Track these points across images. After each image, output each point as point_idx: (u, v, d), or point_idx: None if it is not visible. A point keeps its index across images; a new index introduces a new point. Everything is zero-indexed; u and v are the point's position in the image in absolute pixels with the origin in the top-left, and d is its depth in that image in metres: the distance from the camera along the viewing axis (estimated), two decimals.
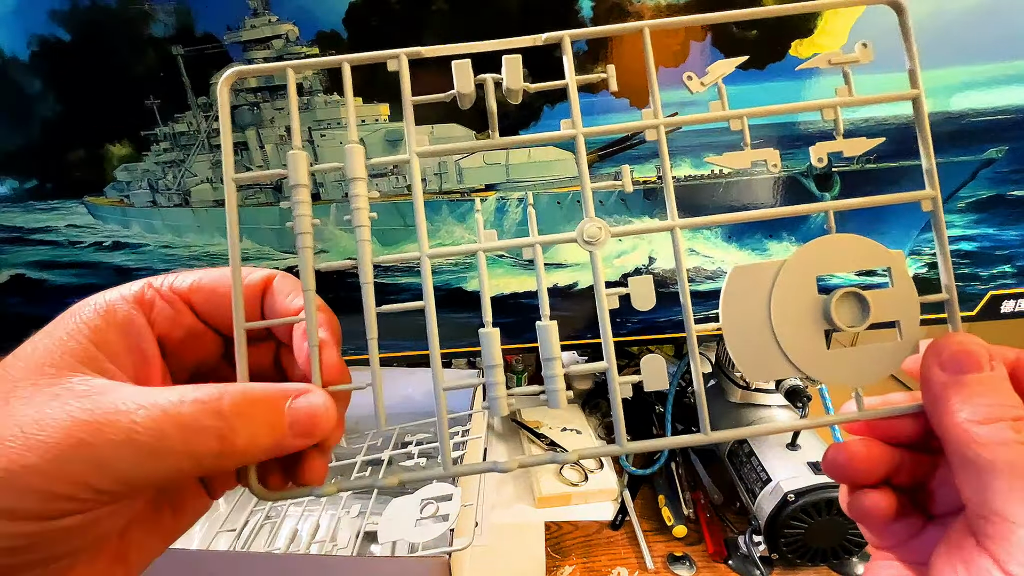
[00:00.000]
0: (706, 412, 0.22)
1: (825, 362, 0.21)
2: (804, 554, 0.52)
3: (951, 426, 0.19)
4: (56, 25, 0.50)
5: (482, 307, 0.23)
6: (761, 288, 0.21)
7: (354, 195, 0.22)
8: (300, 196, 0.22)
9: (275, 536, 0.53)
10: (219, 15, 0.51)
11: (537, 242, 0.23)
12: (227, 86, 0.22)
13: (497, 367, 0.22)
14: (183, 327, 0.22)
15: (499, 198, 0.58)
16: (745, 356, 0.22)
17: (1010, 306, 0.62)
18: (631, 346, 0.79)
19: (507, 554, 0.57)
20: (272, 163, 0.57)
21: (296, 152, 0.22)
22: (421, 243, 0.23)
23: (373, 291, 0.22)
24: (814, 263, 0.22)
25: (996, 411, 0.18)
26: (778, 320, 0.21)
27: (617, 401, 0.22)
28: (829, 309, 0.21)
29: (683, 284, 0.22)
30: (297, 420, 0.20)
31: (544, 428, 0.70)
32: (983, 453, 0.18)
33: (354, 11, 0.50)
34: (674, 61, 0.51)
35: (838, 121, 0.23)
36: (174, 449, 0.17)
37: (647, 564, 0.56)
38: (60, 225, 0.59)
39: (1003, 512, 0.17)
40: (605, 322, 0.22)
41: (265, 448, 0.19)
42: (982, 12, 0.51)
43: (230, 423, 0.18)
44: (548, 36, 0.23)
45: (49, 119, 0.53)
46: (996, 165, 0.56)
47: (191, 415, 0.18)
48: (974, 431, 0.18)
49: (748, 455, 0.57)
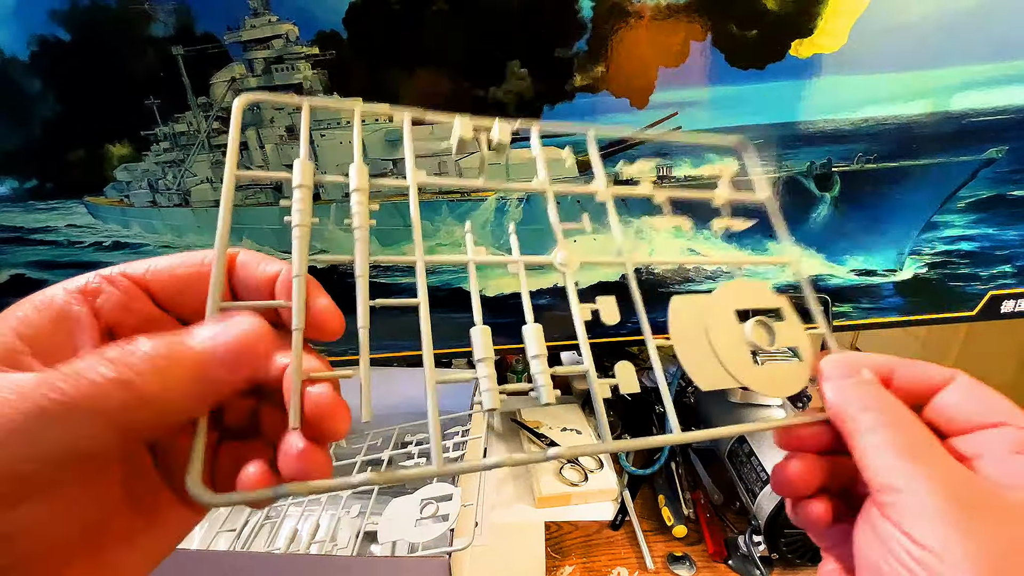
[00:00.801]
0: (673, 412, 0.25)
1: (758, 376, 0.26)
2: (804, 554, 0.52)
3: (846, 423, 0.23)
4: (56, 25, 0.50)
5: (473, 309, 0.25)
6: (699, 315, 0.26)
7: (355, 202, 0.23)
8: (302, 194, 0.22)
9: (275, 536, 0.53)
10: (219, 15, 0.51)
11: (520, 260, 0.27)
12: (239, 112, 0.23)
13: (488, 360, 0.23)
14: (138, 314, 0.21)
15: (499, 198, 0.58)
16: (694, 368, 0.25)
17: (1010, 306, 0.62)
18: (631, 346, 0.79)
19: (507, 554, 0.57)
20: (272, 163, 0.57)
21: (304, 163, 0.23)
22: (418, 248, 0.24)
23: (367, 285, 0.22)
24: (730, 301, 0.27)
25: (874, 403, 0.23)
26: (714, 340, 0.26)
27: (599, 401, 0.24)
28: (749, 334, 0.26)
29: (642, 318, 0.26)
30: (221, 347, 0.18)
31: (544, 428, 0.70)
32: (870, 438, 0.22)
33: (354, 11, 0.50)
34: (674, 61, 0.51)
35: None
36: (77, 407, 0.16)
37: (647, 564, 0.56)
38: (60, 225, 0.59)
39: (891, 483, 0.20)
40: (581, 330, 0.25)
41: (187, 389, 0.17)
42: (982, 12, 0.51)
43: (133, 367, 0.16)
44: (520, 122, 0.28)
45: (49, 119, 0.53)
46: (996, 165, 0.56)
47: (85, 366, 0.16)
48: (861, 421, 0.22)
49: (748, 455, 0.57)
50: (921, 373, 0.24)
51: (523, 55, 0.51)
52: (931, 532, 0.19)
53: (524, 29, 0.51)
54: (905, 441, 0.21)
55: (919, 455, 0.21)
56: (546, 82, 0.51)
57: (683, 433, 0.24)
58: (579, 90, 0.52)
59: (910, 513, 0.20)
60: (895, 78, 0.53)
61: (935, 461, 0.21)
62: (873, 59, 0.52)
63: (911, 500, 0.20)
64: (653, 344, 0.25)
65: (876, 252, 0.59)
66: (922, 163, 0.55)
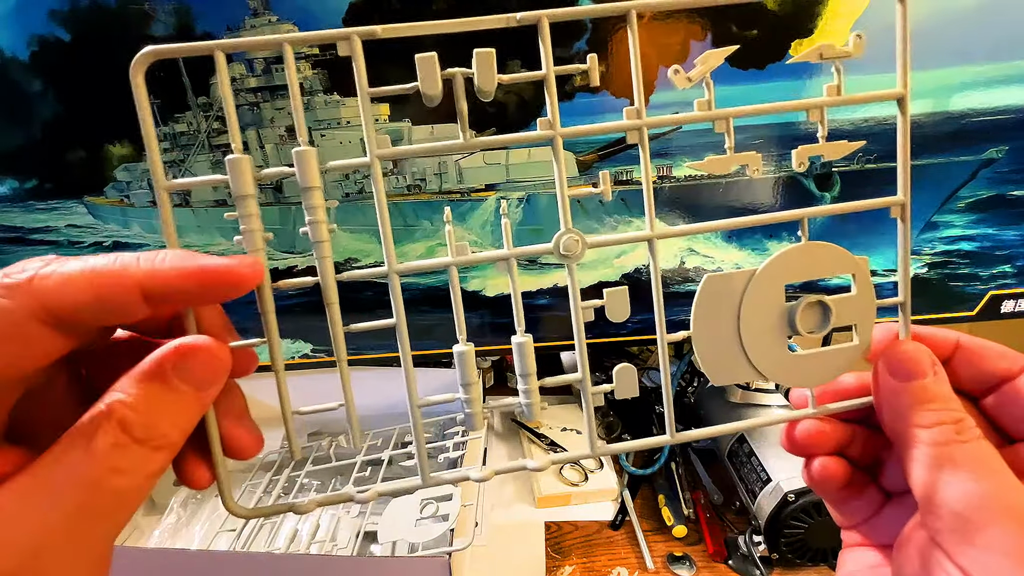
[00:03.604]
0: (671, 413, 0.24)
1: (785, 366, 0.23)
2: (804, 554, 0.52)
3: (901, 429, 0.21)
4: (56, 25, 0.50)
5: (456, 324, 0.23)
6: (732, 296, 0.22)
7: (309, 207, 0.20)
8: (246, 200, 0.20)
9: (275, 536, 0.53)
10: (219, 15, 0.51)
11: (512, 255, 0.22)
12: (140, 71, 0.20)
13: (473, 384, 0.23)
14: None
15: (499, 198, 0.58)
16: (710, 359, 0.23)
17: (1010, 306, 0.62)
18: (631, 346, 0.79)
19: (507, 554, 0.57)
20: (272, 163, 0.57)
21: (239, 158, 0.20)
22: (388, 259, 0.21)
23: (339, 310, 0.21)
24: (784, 272, 0.22)
25: (940, 416, 0.20)
26: (745, 326, 0.22)
27: (590, 409, 0.23)
28: (794, 316, 0.22)
29: (658, 294, 0.23)
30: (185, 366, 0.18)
31: (544, 428, 0.70)
32: (929, 452, 0.20)
33: (354, 11, 0.50)
34: (674, 61, 0.51)
35: (823, 122, 0.23)
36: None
37: (647, 564, 0.56)
38: (60, 225, 0.59)
39: (950, 505, 0.18)
40: (580, 334, 0.22)
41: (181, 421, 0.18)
42: (982, 12, 0.51)
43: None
44: (522, 16, 0.20)
45: (49, 119, 0.53)
46: (996, 165, 0.56)
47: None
48: (921, 434, 0.20)
49: (748, 455, 0.57)
50: (987, 355, 0.22)
51: (523, 55, 0.51)
52: (989, 568, 0.17)
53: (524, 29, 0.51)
54: (967, 459, 0.19)
55: (982, 475, 0.19)
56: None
57: (678, 434, 0.24)
58: (579, 90, 0.52)
59: (965, 544, 0.18)
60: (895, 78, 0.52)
61: (998, 484, 0.19)
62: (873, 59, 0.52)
63: (967, 529, 0.18)
64: (664, 342, 0.23)
65: (876, 252, 0.59)
66: (922, 163, 0.55)
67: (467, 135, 0.21)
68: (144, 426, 0.17)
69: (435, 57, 0.20)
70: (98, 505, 0.16)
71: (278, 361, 0.21)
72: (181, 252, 0.18)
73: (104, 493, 0.16)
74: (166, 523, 0.57)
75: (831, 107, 0.23)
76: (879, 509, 0.24)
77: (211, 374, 0.18)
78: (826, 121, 0.23)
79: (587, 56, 0.21)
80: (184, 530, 0.56)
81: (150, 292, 0.17)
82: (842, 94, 0.23)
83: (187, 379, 0.18)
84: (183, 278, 0.17)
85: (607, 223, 0.57)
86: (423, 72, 0.20)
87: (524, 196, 0.58)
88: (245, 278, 0.18)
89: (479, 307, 0.60)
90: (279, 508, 0.22)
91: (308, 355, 0.62)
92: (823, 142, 0.23)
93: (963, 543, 0.18)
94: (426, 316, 0.58)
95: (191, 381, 0.18)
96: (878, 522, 0.24)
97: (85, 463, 0.16)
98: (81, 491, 0.16)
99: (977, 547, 0.18)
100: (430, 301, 0.58)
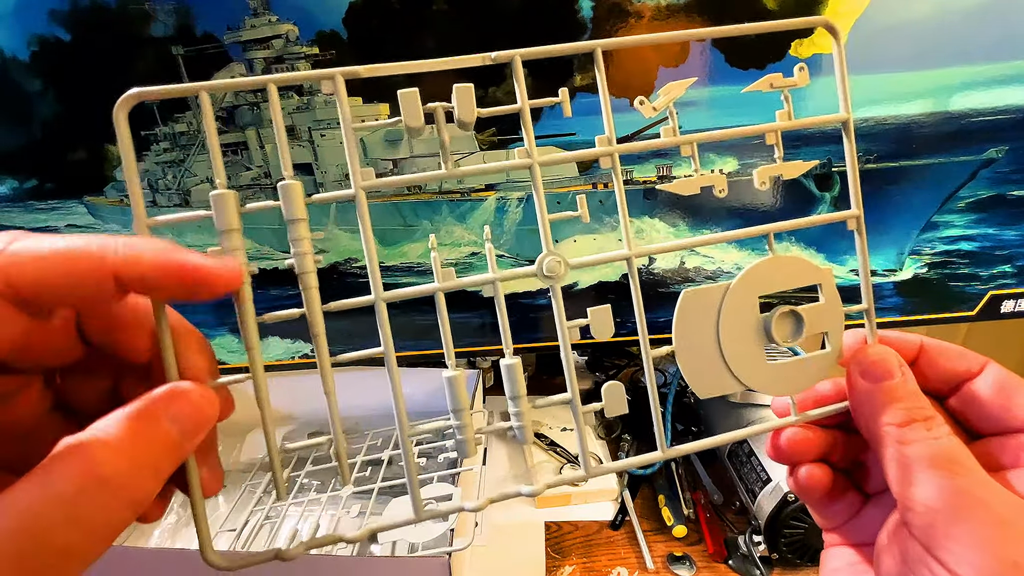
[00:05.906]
0: (660, 429, 0.24)
1: (765, 376, 0.23)
2: (804, 554, 0.52)
3: (875, 428, 0.21)
4: (56, 25, 0.50)
5: (444, 349, 0.23)
6: (710, 310, 0.23)
7: (294, 239, 0.21)
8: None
9: (275, 536, 0.53)
10: (219, 15, 0.51)
11: (497, 279, 0.23)
12: (124, 111, 0.20)
13: (464, 410, 0.23)
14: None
15: (499, 198, 0.58)
16: (694, 373, 0.23)
17: (1010, 306, 0.62)
18: (631, 346, 0.79)
19: (507, 554, 0.57)
20: (272, 163, 0.57)
21: (224, 193, 0.20)
22: (375, 288, 0.22)
23: (325, 342, 0.22)
24: (756, 285, 0.24)
25: (911, 413, 0.21)
26: (724, 339, 0.23)
27: (581, 429, 0.23)
28: (770, 327, 0.23)
29: (640, 312, 0.24)
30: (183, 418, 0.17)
31: (544, 428, 0.70)
32: (904, 450, 0.20)
33: (354, 11, 0.50)
34: (674, 62, 0.51)
35: (779, 144, 0.24)
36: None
37: (647, 564, 0.56)
38: (60, 225, 0.59)
39: (926, 502, 0.19)
40: (568, 356, 0.23)
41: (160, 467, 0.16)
42: (982, 12, 0.51)
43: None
44: (497, 55, 0.22)
45: (49, 119, 0.53)
46: (996, 165, 0.56)
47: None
48: (894, 432, 0.21)
49: (748, 455, 0.57)
50: (950, 356, 0.23)
51: (524, 53, 0.51)
52: (966, 560, 0.18)
53: (524, 29, 0.51)
54: (940, 456, 0.20)
55: (955, 472, 0.19)
56: (546, 82, 0.51)
57: (669, 450, 0.24)
58: (579, 90, 0.52)
59: (943, 538, 0.18)
60: (895, 78, 0.53)
61: (971, 480, 0.19)
62: (873, 59, 0.52)
63: (944, 523, 0.18)
64: (649, 357, 0.23)
65: (876, 252, 0.59)
66: (922, 163, 0.55)
67: (449, 164, 0.23)
68: (120, 471, 0.15)
69: (417, 93, 0.21)
70: (38, 564, 0.14)
71: (264, 402, 0.21)
72: (163, 244, 0.17)
73: (48, 551, 0.14)
74: (166, 523, 0.57)
75: (784, 131, 0.24)
76: (859, 510, 0.25)
77: (202, 421, 0.18)
78: (781, 143, 0.24)
79: (559, 91, 0.23)
80: (184, 530, 0.57)
81: (125, 280, 0.17)
82: (792, 119, 0.24)
83: (179, 424, 0.17)
84: (161, 271, 0.17)
85: (607, 223, 0.57)
86: (406, 107, 0.21)
87: (524, 196, 0.58)
88: (222, 279, 0.18)
89: (479, 307, 0.60)
90: (264, 556, 0.21)
91: (308, 355, 0.62)
92: (780, 162, 0.24)
93: (940, 537, 0.19)
94: (426, 316, 0.58)
95: (182, 426, 0.17)
96: (859, 522, 0.25)
97: (38, 507, 0.14)
98: (23, 541, 0.14)
99: (953, 540, 0.18)
100: (430, 301, 0.58)
